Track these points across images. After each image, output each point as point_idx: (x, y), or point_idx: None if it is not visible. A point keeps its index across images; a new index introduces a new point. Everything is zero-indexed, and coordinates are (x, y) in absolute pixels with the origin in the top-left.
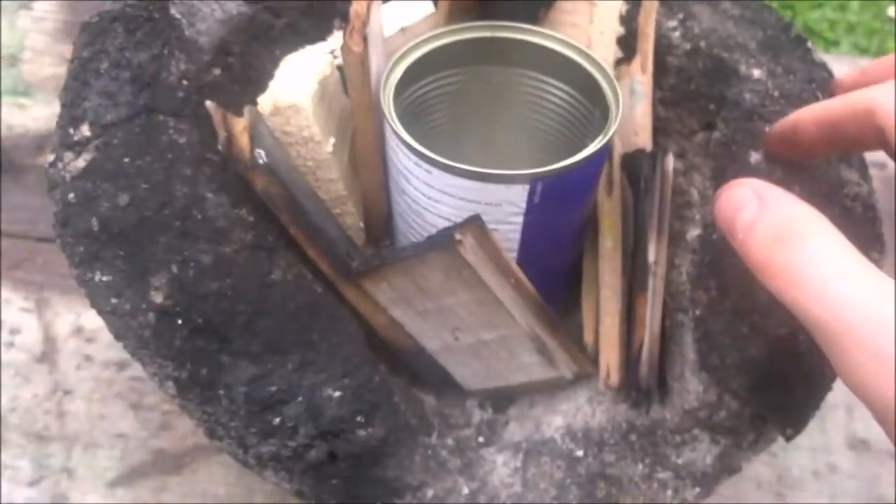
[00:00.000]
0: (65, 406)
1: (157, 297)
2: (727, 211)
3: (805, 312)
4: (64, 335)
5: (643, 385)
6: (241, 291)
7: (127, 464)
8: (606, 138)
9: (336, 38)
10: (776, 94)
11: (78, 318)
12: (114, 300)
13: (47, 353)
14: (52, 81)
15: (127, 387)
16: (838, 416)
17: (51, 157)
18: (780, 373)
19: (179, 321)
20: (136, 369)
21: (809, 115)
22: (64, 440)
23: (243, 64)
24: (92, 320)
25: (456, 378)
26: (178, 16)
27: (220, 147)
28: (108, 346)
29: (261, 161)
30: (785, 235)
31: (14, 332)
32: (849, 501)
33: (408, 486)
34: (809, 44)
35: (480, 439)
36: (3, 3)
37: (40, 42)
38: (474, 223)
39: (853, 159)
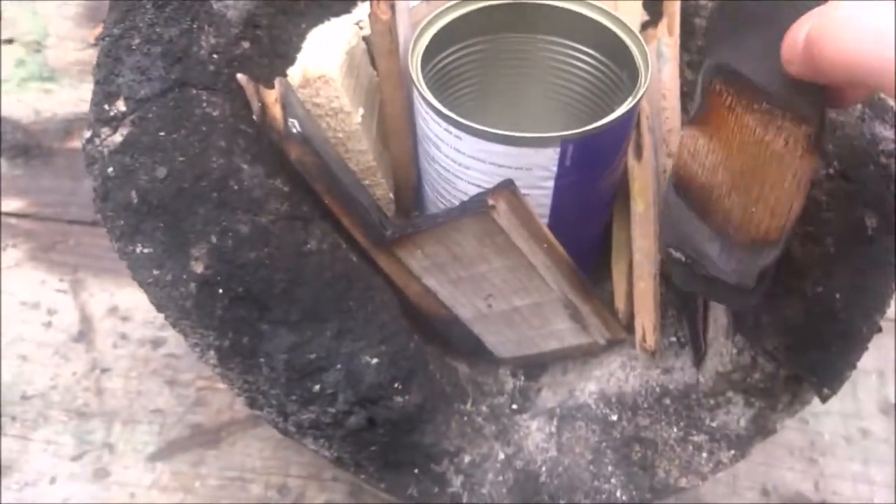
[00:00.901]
0: (103, 383)
1: (198, 267)
2: (789, 44)
3: (861, 64)
4: (99, 315)
5: None
6: (278, 260)
7: (165, 438)
8: (637, 99)
9: (361, 10)
10: None
11: (112, 297)
12: (155, 271)
13: (84, 333)
14: (77, 66)
15: (162, 364)
16: (870, 381)
17: (87, 134)
18: (815, 332)
19: (220, 290)
20: (171, 346)
21: None
22: (103, 416)
23: (271, 37)
24: (126, 299)
25: (488, 346)
26: None
27: (254, 117)
28: (142, 325)
29: (294, 130)
30: (818, 15)
31: (51, 312)
32: (881, 465)
33: (445, 451)
34: None
35: (514, 406)
36: None
37: (63, 27)
38: (507, 188)
39: (888, 116)
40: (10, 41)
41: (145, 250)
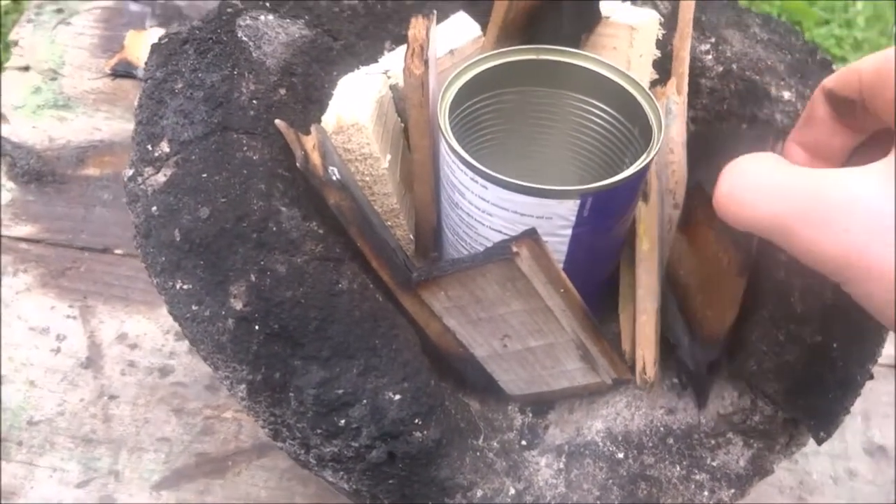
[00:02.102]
0: (110, 410)
1: (237, 304)
2: (716, 192)
3: (761, 222)
4: (108, 342)
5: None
6: (312, 299)
7: (171, 467)
8: (651, 156)
9: (388, 58)
10: None
11: (121, 324)
12: (194, 307)
13: (93, 359)
14: (92, 95)
15: (170, 392)
16: (856, 423)
17: (129, 172)
18: (814, 378)
19: (256, 327)
20: (179, 375)
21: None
22: (110, 443)
23: (305, 84)
24: (135, 327)
25: (500, 384)
26: (245, 38)
27: (298, 164)
28: (151, 352)
29: (334, 178)
30: (730, 172)
31: (60, 338)
32: None
33: (459, 485)
34: (834, 66)
35: (523, 442)
36: (42, 18)
37: (79, 56)
38: (530, 236)
39: None
40: (26, 68)
41: (185, 286)
